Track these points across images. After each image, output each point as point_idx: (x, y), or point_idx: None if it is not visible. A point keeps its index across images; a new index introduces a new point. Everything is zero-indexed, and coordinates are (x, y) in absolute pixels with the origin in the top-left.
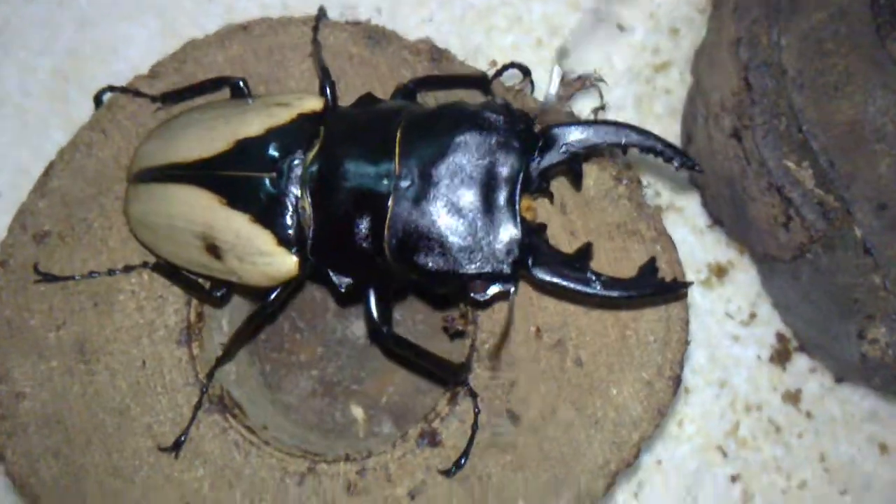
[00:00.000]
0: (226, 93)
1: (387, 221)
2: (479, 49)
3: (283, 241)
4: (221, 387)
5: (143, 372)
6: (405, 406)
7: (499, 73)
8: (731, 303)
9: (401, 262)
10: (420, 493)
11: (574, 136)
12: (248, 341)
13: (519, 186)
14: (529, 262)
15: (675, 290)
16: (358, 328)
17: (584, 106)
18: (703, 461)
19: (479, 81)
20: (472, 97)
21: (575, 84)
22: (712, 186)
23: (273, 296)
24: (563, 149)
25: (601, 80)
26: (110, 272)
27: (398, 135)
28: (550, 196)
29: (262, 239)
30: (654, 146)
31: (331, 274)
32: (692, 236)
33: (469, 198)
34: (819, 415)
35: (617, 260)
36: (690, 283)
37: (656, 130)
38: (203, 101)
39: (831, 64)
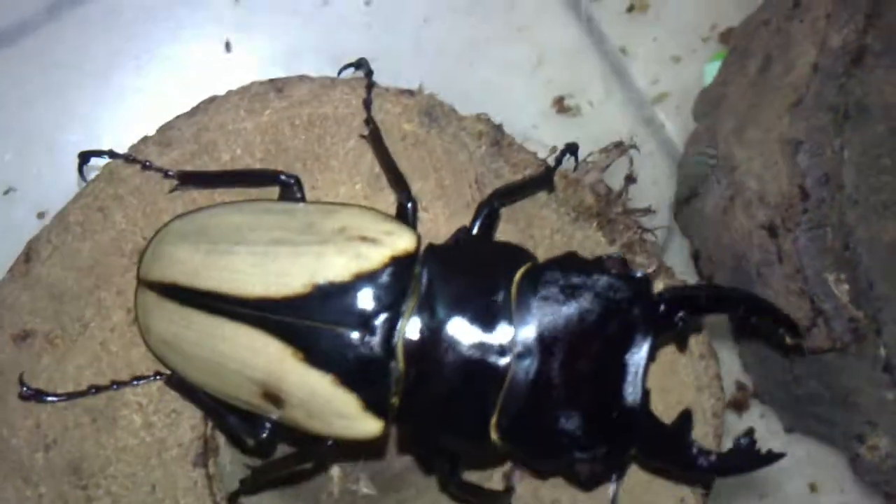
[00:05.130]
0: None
1: (499, 401)
2: (473, 64)
3: (370, 406)
4: None
5: (152, 497)
6: (382, 464)
7: (559, 161)
8: None
9: (507, 442)
10: None
11: (694, 305)
12: (283, 482)
13: (644, 369)
14: (639, 444)
15: (772, 462)
16: None
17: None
18: None
19: (546, 181)
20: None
21: (613, 153)
22: (713, 251)
23: (329, 443)
24: (680, 317)
25: (634, 146)
26: (115, 385)
27: (513, 301)
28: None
29: (345, 402)
30: (770, 316)
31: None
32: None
33: (590, 379)
34: None
35: (664, 375)
36: (784, 455)
37: (648, 166)
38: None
39: (886, 181)
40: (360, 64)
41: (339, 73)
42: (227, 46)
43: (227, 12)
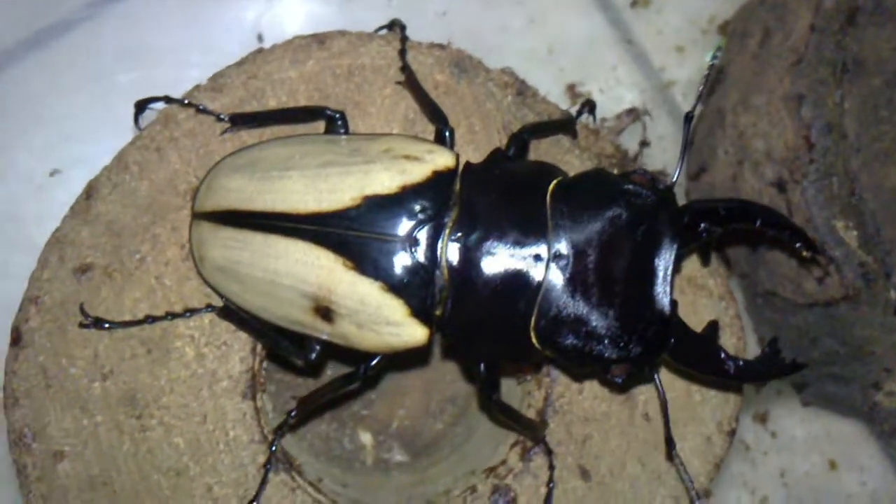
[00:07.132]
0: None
1: (537, 303)
2: (489, 53)
3: (416, 312)
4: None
5: (203, 427)
6: (415, 431)
7: (580, 112)
8: None
9: (545, 344)
10: None
11: (716, 216)
12: (330, 405)
13: (671, 272)
14: (670, 346)
15: (799, 370)
16: None
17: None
18: None
19: (569, 125)
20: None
21: (626, 119)
22: None
23: (374, 361)
24: (703, 227)
25: (647, 114)
26: (170, 316)
27: (548, 208)
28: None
29: (393, 308)
30: (787, 229)
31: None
32: None
33: (621, 280)
34: (782, 434)
35: (686, 315)
36: (806, 366)
37: (658, 150)
38: (285, 130)
39: (885, 130)
40: (394, 23)
41: (376, 31)
42: (260, 38)
43: (260, 6)
